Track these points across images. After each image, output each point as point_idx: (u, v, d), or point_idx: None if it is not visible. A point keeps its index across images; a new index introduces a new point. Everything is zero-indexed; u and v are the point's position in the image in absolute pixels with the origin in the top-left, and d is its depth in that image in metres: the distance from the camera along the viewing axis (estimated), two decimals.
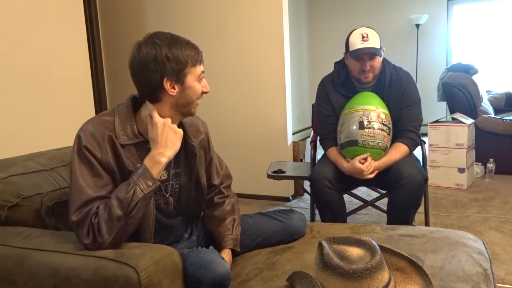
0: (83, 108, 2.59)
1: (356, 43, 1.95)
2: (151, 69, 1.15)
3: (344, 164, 1.98)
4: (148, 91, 1.19)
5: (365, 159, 1.94)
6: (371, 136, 1.92)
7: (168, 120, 1.20)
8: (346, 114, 2.02)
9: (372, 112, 1.93)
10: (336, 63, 2.16)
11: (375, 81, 2.06)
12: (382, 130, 1.93)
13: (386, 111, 1.99)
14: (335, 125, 2.10)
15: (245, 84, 3.37)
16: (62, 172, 1.50)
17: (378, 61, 1.98)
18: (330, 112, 2.13)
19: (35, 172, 1.42)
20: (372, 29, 1.99)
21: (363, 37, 1.94)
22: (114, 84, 3.94)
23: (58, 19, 2.41)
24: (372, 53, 1.93)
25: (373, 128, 1.92)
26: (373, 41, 1.94)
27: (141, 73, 1.17)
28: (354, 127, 1.95)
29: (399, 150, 2.00)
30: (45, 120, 2.35)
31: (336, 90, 2.11)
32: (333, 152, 2.08)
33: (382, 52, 1.97)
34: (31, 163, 1.46)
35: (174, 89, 1.19)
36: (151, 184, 1.14)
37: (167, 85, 1.17)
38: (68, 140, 2.06)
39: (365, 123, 1.93)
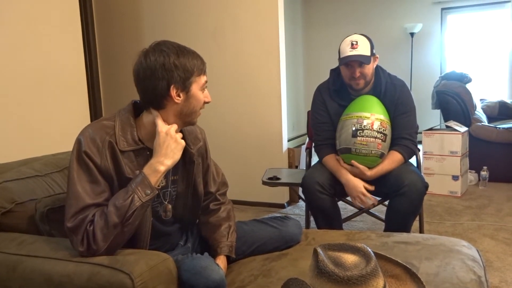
0: (78, 113, 2.58)
1: (346, 50, 1.96)
2: (158, 76, 1.16)
3: (342, 176, 1.99)
4: (153, 98, 1.19)
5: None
6: (363, 144, 1.93)
7: (173, 129, 1.20)
8: (343, 120, 2.03)
9: (365, 120, 1.94)
10: (332, 71, 2.17)
11: (370, 89, 2.07)
12: (375, 138, 1.93)
13: (383, 117, 1.98)
14: (330, 132, 2.10)
15: (241, 91, 3.38)
16: (56, 178, 1.50)
17: (368, 68, 1.98)
18: (326, 119, 2.13)
19: (30, 178, 1.41)
20: (364, 36, 2.00)
21: (352, 44, 1.95)
22: (109, 90, 3.94)
23: (54, 24, 2.41)
24: (360, 59, 1.94)
25: (366, 136, 1.93)
26: (362, 49, 1.95)
27: (148, 80, 1.18)
28: (348, 135, 1.96)
29: (393, 159, 2.00)
30: (40, 125, 2.34)
31: (332, 98, 2.12)
32: (330, 161, 2.07)
33: (371, 60, 1.98)
34: (25, 168, 1.46)
35: (180, 97, 1.20)
36: (149, 192, 1.14)
37: (173, 92, 1.18)
38: (63, 146, 2.05)
39: (358, 131, 1.94)
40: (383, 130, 1.96)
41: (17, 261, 1.14)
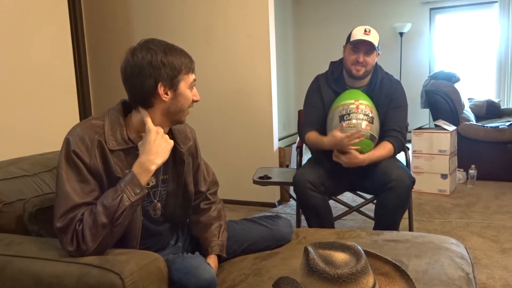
0: (68, 113, 2.55)
1: (358, 34, 2.04)
2: (146, 73, 1.16)
3: (324, 140, 2.01)
4: (141, 96, 1.19)
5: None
6: (351, 126, 1.97)
7: (161, 129, 1.20)
8: (331, 112, 2.09)
9: (351, 105, 2.00)
10: (332, 63, 2.25)
11: (366, 82, 2.13)
12: (362, 119, 1.97)
13: (367, 102, 2.03)
14: (318, 116, 2.16)
15: (231, 91, 3.38)
16: (45, 177, 1.48)
17: (372, 58, 2.06)
18: (318, 104, 2.18)
19: (18, 178, 1.39)
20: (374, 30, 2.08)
21: (365, 31, 2.04)
22: (98, 89, 3.90)
23: (42, 23, 2.38)
24: (369, 45, 2.02)
25: (353, 119, 1.98)
26: (374, 38, 2.04)
27: (135, 78, 1.17)
28: (336, 122, 2.01)
29: (384, 147, 2.04)
30: (28, 124, 2.31)
31: (328, 85, 2.18)
32: (312, 135, 2.12)
33: (377, 50, 2.06)
34: (13, 168, 1.44)
35: (167, 95, 1.19)
36: (138, 191, 1.13)
37: (160, 90, 1.17)
38: (51, 145, 2.03)
39: (344, 116, 1.99)
40: (369, 113, 2.00)
41: (5, 262, 1.12)
